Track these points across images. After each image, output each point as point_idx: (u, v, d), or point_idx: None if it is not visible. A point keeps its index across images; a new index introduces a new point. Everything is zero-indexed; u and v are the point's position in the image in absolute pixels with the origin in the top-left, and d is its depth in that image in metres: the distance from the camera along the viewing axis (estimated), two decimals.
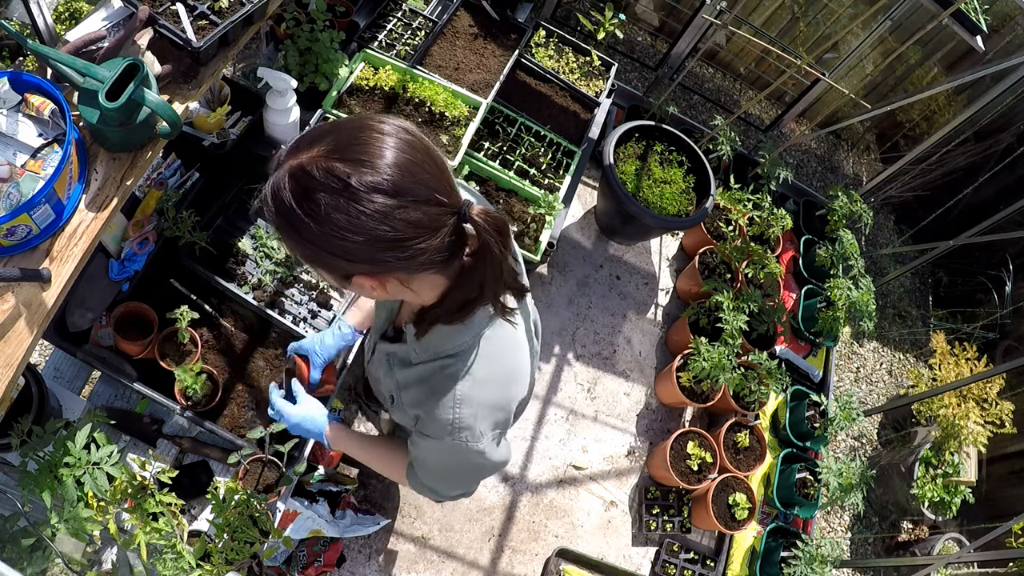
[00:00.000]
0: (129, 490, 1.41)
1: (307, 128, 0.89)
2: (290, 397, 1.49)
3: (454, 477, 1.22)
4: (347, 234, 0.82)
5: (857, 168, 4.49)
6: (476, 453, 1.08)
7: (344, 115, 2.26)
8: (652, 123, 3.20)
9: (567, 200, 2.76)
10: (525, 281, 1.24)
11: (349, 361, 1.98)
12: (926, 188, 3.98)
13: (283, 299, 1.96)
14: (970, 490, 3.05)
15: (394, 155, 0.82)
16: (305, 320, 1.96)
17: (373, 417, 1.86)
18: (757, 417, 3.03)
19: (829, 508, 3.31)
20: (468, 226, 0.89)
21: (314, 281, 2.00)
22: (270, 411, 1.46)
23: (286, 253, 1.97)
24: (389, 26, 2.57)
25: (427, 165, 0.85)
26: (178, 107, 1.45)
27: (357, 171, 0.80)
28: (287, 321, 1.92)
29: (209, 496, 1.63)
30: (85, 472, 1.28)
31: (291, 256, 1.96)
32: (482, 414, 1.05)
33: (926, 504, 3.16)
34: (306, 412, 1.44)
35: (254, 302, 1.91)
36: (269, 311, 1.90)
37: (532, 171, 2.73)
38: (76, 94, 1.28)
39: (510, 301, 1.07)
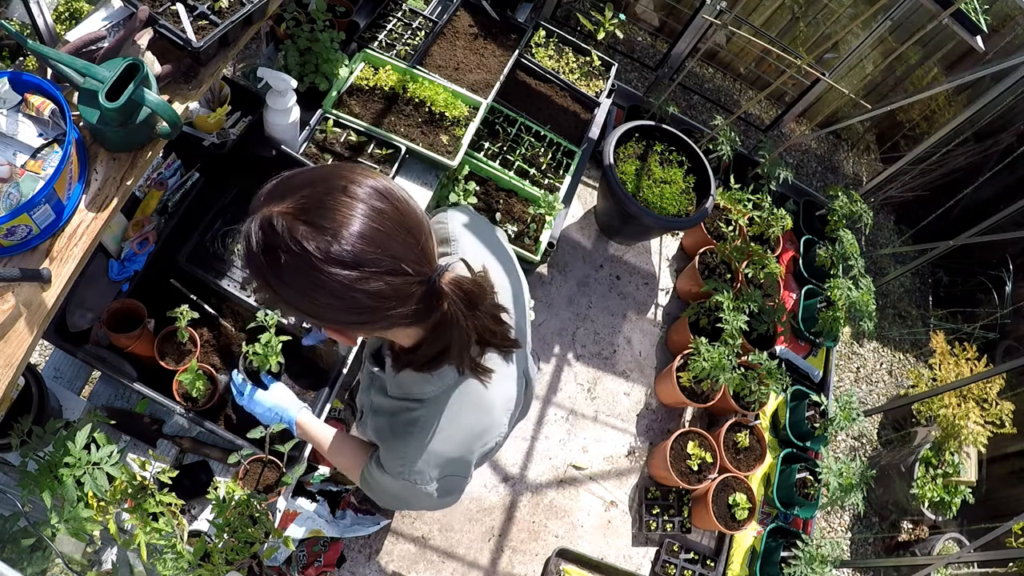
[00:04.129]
0: (129, 490, 1.41)
1: (289, 174, 0.87)
2: (259, 384, 1.55)
3: (399, 502, 1.23)
4: (308, 294, 0.81)
5: (857, 168, 4.49)
6: (424, 494, 1.09)
7: (345, 115, 2.25)
8: (652, 123, 3.20)
9: (567, 200, 2.76)
10: (526, 336, 1.24)
11: (350, 361, 1.98)
12: (926, 188, 3.98)
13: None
14: (970, 490, 3.05)
15: (360, 225, 0.79)
16: None
17: (353, 418, 1.88)
18: (757, 417, 3.03)
19: (829, 508, 3.30)
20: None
21: None
22: (238, 397, 1.49)
23: None
24: (389, 26, 2.57)
25: (397, 234, 0.82)
26: (178, 107, 1.45)
27: (319, 238, 0.78)
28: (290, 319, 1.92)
29: (209, 496, 1.63)
30: (85, 472, 1.27)
31: None
32: (435, 462, 1.06)
33: (926, 504, 3.16)
34: (278, 399, 1.48)
35: (255, 303, 1.91)
36: (270, 311, 1.90)
37: (532, 171, 2.73)
38: (76, 94, 1.28)
39: (492, 359, 1.07)
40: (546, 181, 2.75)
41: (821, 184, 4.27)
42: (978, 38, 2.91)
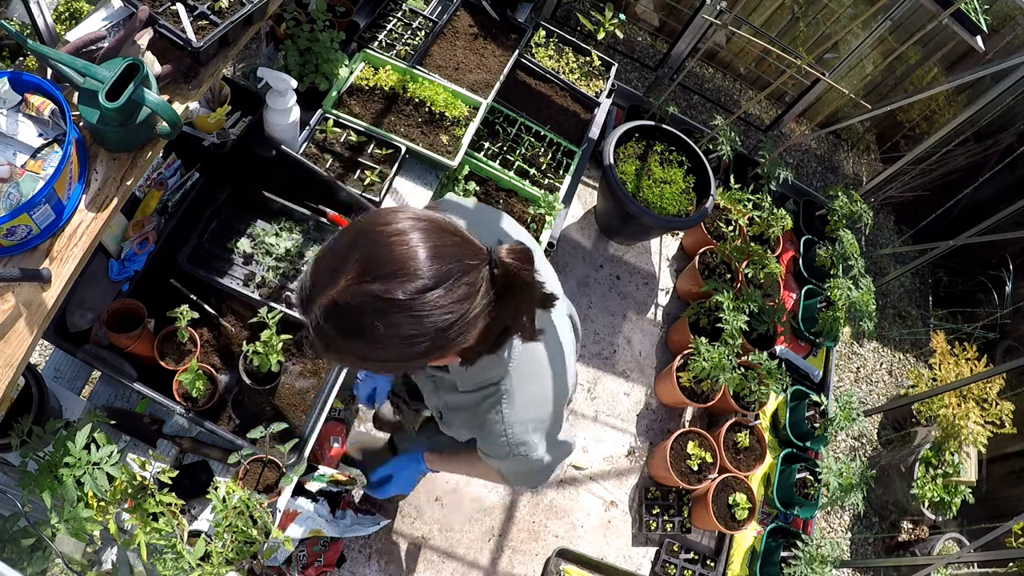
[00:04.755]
0: (129, 490, 1.41)
1: (320, 256, 0.84)
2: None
3: (528, 477, 1.31)
4: (410, 340, 0.82)
5: (857, 168, 4.49)
6: (536, 461, 1.18)
7: (345, 115, 2.25)
8: (652, 123, 3.20)
9: (567, 200, 2.76)
10: (556, 287, 1.30)
11: None
12: (926, 188, 3.98)
13: (287, 293, 1.97)
14: (970, 490, 3.05)
15: (421, 250, 0.81)
16: None
17: (411, 415, 1.90)
18: (757, 417, 3.03)
19: (829, 508, 3.30)
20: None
21: None
22: (376, 480, 1.71)
23: (285, 248, 1.99)
24: (389, 26, 2.57)
25: (446, 239, 0.84)
26: (178, 107, 1.45)
27: (398, 283, 0.79)
28: (295, 312, 1.92)
29: (209, 496, 1.63)
30: (85, 472, 1.27)
31: (291, 250, 1.99)
32: (532, 427, 1.15)
33: (926, 504, 3.16)
34: (407, 459, 1.66)
35: (258, 297, 1.92)
36: (274, 304, 1.90)
37: (532, 171, 2.73)
38: (76, 94, 1.28)
39: (540, 317, 1.10)
40: (546, 181, 2.75)
41: (821, 184, 4.27)
42: (978, 38, 2.91)
